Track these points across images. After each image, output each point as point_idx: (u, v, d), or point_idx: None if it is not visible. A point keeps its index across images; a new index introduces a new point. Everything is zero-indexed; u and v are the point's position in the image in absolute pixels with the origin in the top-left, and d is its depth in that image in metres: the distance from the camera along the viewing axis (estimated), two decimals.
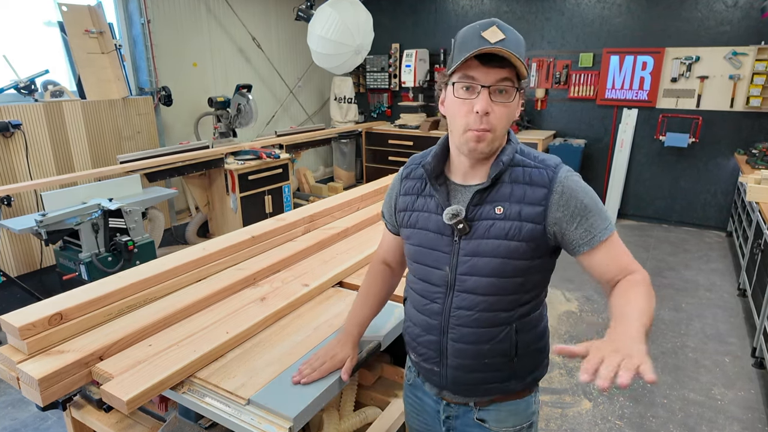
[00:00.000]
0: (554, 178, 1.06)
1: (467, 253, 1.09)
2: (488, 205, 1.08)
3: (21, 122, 3.63)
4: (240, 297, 1.72)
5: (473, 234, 1.08)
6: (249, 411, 1.18)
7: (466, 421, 1.23)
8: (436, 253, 1.13)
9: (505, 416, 1.21)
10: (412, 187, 1.20)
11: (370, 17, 5.09)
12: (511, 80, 1.01)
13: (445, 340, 1.15)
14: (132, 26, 4.64)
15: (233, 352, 1.42)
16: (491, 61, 0.99)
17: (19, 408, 2.71)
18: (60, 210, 3.03)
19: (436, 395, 1.26)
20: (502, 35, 0.99)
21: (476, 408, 1.21)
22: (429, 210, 1.15)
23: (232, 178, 4.50)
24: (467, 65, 1.01)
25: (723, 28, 4.96)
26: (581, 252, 1.07)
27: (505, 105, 1.03)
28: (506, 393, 1.19)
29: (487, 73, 1.00)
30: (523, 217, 1.05)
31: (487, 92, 1.00)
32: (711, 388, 2.83)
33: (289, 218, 2.28)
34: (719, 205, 5.40)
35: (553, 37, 5.82)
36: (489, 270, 1.07)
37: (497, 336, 1.12)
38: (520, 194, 1.06)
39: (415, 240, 1.18)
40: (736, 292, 3.99)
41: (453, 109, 1.06)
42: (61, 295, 1.50)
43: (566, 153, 5.52)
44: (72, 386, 1.29)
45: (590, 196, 1.07)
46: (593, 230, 1.05)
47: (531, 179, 1.07)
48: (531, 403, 1.23)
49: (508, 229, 1.06)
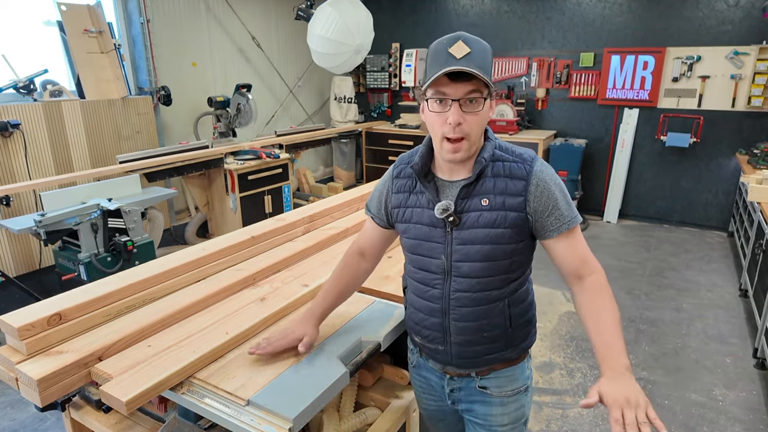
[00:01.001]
0: (531, 171, 1.18)
1: (460, 242, 1.21)
2: (475, 197, 1.20)
3: (20, 122, 3.63)
4: (240, 297, 1.71)
5: (463, 224, 1.20)
6: (248, 412, 1.18)
7: (470, 391, 1.35)
8: (431, 244, 1.25)
9: (503, 382, 1.34)
10: (403, 186, 1.31)
11: (370, 16, 5.09)
12: (479, 91, 1.12)
13: (448, 320, 1.27)
14: (131, 26, 4.63)
15: (233, 352, 1.41)
16: (459, 77, 1.09)
17: (17, 409, 2.70)
18: (59, 210, 3.02)
19: (440, 371, 1.38)
20: (468, 49, 1.09)
21: (477, 377, 1.34)
22: (421, 205, 1.26)
23: (231, 178, 4.49)
24: (438, 82, 1.11)
25: (724, 27, 4.95)
26: (549, 237, 1.20)
27: (475, 113, 1.14)
28: (504, 361, 1.32)
29: (456, 88, 1.11)
30: (507, 206, 1.18)
31: (458, 104, 1.11)
32: (712, 389, 2.82)
33: (288, 218, 2.27)
34: (720, 205, 5.39)
35: (554, 37, 5.81)
36: (481, 255, 1.20)
37: (494, 311, 1.25)
38: (503, 186, 1.18)
39: (411, 234, 1.29)
40: (738, 293, 3.98)
41: (430, 120, 1.18)
42: (60, 296, 1.50)
43: (567, 153, 5.51)
44: (71, 387, 1.29)
45: (560, 188, 1.20)
46: (562, 219, 1.18)
47: (511, 173, 1.19)
48: (525, 369, 1.37)
49: (495, 218, 1.18)
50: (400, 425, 1.59)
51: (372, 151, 6.79)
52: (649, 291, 4.04)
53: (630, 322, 3.56)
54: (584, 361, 3.09)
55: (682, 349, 3.21)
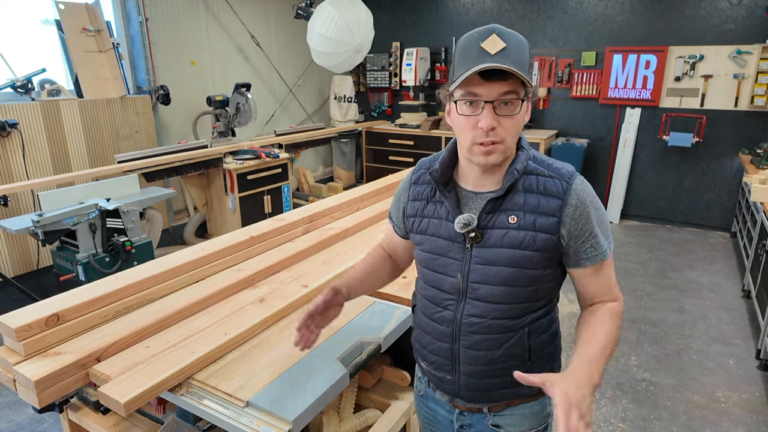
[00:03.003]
0: (568, 189, 1.05)
1: (480, 261, 1.08)
2: (502, 213, 1.06)
3: (17, 121, 3.61)
4: (238, 298, 1.71)
5: (486, 242, 1.07)
6: (248, 413, 1.18)
7: (481, 429, 1.21)
8: (447, 260, 1.12)
9: (519, 420, 1.19)
10: (421, 193, 1.18)
11: (370, 15, 5.07)
12: (515, 92, 0.98)
13: (457, 347, 1.14)
14: (130, 24, 4.62)
15: (232, 353, 1.42)
16: (493, 75, 0.96)
17: (15, 410, 2.69)
18: (57, 210, 3.01)
19: (448, 403, 1.24)
20: (503, 44, 0.96)
21: (490, 414, 1.20)
22: (440, 216, 1.13)
23: (230, 177, 4.47)
24: (468, 81, 0.98)
25: (727, 26, 4.94)
26: (582, 266, 1.09)
27: (511, 117, 1.00)
28: (520, 397, 1.17)
29: (489, 89, 0.98)
30: (538, 227, 1.04)
31: (491, 107, 0.98)
32: (715, 391, 2.80)
33: (288, 218, 2.28)
34: (723, 205, 5.37)
35: (556, 36, 5.80)
36: (502, 279, 1.07)
37: (510, 340, 1.11)
38: (534, 204, 1.05)
39: (426, 246, 1.16)
40: (741, 294, 3.96)
41: (459, 124, 1.04)
42: (58, 296, 1.50)
43: (568, 153, 5.49)
44: (69, 388, 1.29)
45: (601, 213, 1.08)
46: (598, 248, 1.07)
47: (545, 189, 1.06)
48: (545, 405, 1.22)
49: (523, 239, 1.05)
50: (401, 427, 1.58)
51: (372, 150, 6.77)
52: (651, 292, 4.03)
53: (632, 323, 3.54)
54: None
55: (685, 351, 3.20)
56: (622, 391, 2.80)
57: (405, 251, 1.36)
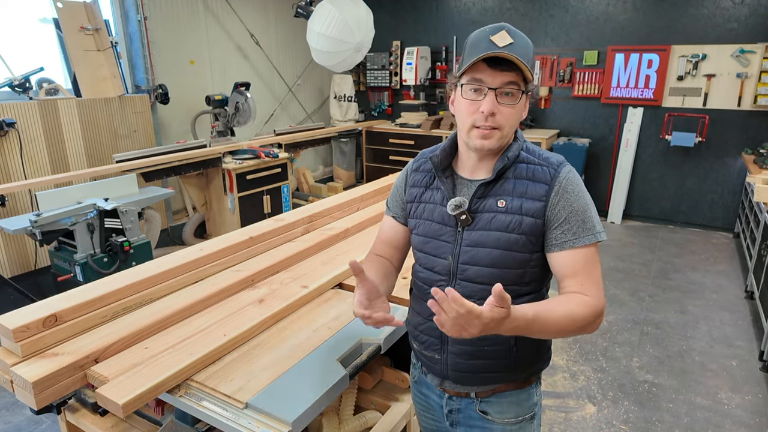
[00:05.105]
0: (556, 176, 1.11)
1: (469, 243, 1.14)
2: (491, 198, 1.13)
3: (15, 121, 3.60)
4: (238, 299, 1.71)
5: (475, 225, 1.14)
6: (247, 415, 1.17)
7: (469, 414, 1.26)
8: (439, 243, 1.18)
9: (506, 407, 1.24)
10: (420, 180, 1.26)
11: (370, 14, 5.06)
12: (517, 84, 1.07)
13: None
14: (128, 23, 4.60)
15: (231, 354, 1.41)
16: (499, 64, 1.05)
17: (13, 411, 2.67)
18: (55, 210, 3.00)
19: (438, 387, 1.29)
20: (511, 39, 1.05)
21: (478, 399, 1.24)
22: (435, 201, 1.20)
23: (229, 177, 4.46)
24: (475, 68, 1.07)
25: (730, 25, 4.92)
26: (555, 250, 1.10)
27: (511, 106, 1.08)
28: (507, 383, 1.22)
29: (494, 76, 1.06)
30: (524, 211, 1.10)
31: (494, 94, 1.06)
32: (718, 392, 2.79)
33: (287, 219, 2.27)
34: (726, 205, 5.35)
35: (557, 35, 5.78)
36: (490, 260, 1.12)
37: None
38: (522, 189, 1.12)
39: (420, 230, 1.23)
40: (744, 295, 3.94)
41: (461, 109, 1.12)
42: (56, 297, 1.49)
43: (570, 152, 5.47)
44: (67, 389, 1.29)
45: (584, 202, 1.11)
46: (578, 234, 1.09)
47: (534, 175, 1.12)
48: (532, 395, 1.26)
49: (509, 222, 1.11)
50: (401, 429, 1.57)
51: (372, 150, 6.76)
52: (653, 293, 4.01)
53: (634, 324, 3.52)
54: (587, 364, 3.06)
55: (687, 352, 3.18)
56: (624, 393, 2.78)
57: (405, 240, 1.34)
